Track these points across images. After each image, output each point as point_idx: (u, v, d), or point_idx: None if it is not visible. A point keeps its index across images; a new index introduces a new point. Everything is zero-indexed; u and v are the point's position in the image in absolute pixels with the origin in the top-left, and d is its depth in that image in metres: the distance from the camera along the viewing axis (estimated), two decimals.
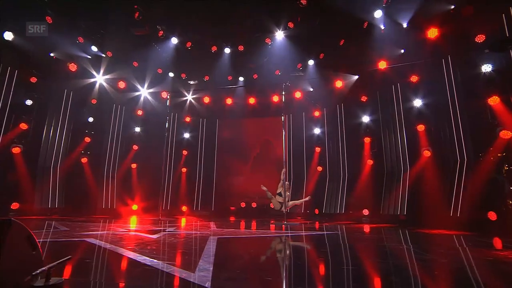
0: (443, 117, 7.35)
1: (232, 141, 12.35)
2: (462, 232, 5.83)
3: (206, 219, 9.16)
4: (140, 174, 10.80)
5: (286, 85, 8.69)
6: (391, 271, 2.86)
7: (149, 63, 10.31)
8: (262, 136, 12.42)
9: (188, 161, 11.77)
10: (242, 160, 12.29)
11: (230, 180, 12.13)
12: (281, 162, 11.51)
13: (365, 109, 9.69)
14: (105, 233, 5.04)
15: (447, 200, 6.98)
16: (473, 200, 6.33)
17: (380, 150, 9.12)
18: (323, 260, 3.35)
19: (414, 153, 8.04)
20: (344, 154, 10.17)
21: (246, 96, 11.53)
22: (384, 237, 5.46)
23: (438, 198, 7.19)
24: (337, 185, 10.12)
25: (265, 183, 11.73)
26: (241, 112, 11.71)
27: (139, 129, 11.13)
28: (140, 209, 10.54)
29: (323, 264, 3.11)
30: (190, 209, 11.35)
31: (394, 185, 8.42)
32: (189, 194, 11.44)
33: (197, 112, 11.89)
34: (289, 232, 5.94)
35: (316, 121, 11.17)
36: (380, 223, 8.11)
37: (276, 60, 10.03)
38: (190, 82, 11.37)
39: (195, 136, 12.11)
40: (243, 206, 11.66)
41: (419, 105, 8.00)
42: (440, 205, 7.11)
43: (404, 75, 8.21)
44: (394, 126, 8.65)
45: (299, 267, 3.02)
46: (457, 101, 6.99)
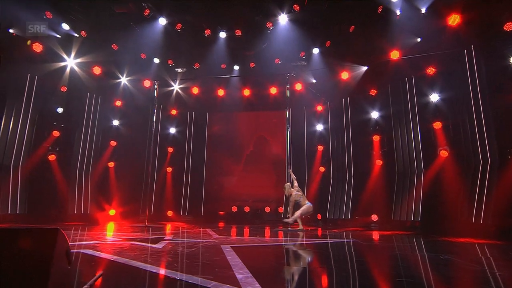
0: (464, 114, 7.30)
1: (223, 137, 12.23)
2: (489, 241, 5.75)
3: (196, 225, 8.98)
4: (119, 174, 10.43)
5: (291, 75, 8.57)
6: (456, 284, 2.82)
7: (131, 46, 9.84)
8: (256, 132, 12.34)
9: (174, 159, 11.50)
10: (234, 158, 12.18)
11: (220, 181, 11.99)
12: (278, 161, 11.91)
13: (375, 103, 9.62)
14: (100, 243, 4.90)
15: (468, 206, 6.92)
16: (499, 206, 6.27)
17: (391, 150, 9.06)
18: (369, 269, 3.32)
19: (429, 153, 7.99)
20: (350, 154, 10.08)
21: (240, 87, 11.34)
22: (410, 245, 5.39)
23: (458, 203, 7.15)
24: (342, 187, 10.04)
25: (259, 185, 11.99)
26: (234, 105, 11.56)
27: (118, 122, 10.74)
28: (118, 214, 10.16)
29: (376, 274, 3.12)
30: (177, 214, 11.11)
31: (407, 189, 8.36)
32: (175, 197, 11.20)
33: (184, 104, 11.62)
34: (305, 240, 5.92)
35: (319, 116, 11.05)
36: (392, 230, 8.04)
37: (276, 47, 9.81)
38: (177, 69, 11.07)
39: (182, 131, 11.85)
40: (235, 211, 11.53)
41: (436, 100, 7.95)
42: (460, 211, 7.07)
43: (419, 66, 8.13)
44: (407, 123, 8.58)
45: (350, 277, 2.97)
46: (480, 96, 6.93)
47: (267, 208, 11.50)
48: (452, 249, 5.07)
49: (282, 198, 11.27)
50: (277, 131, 12.19)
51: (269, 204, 11.60)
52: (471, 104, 7.14)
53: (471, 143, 7.17)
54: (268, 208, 11.51)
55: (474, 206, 6.88)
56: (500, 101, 6.54)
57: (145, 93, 10.81)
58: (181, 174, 11.54)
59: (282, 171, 11.82)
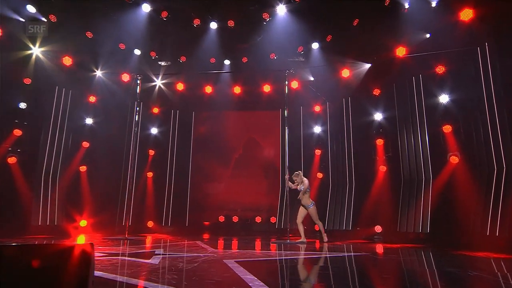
0: (476, 116, 7.32)
1: (210, 139, 12.09)
2: (506, 255, 5.71)
3: (181, 237, 8.83)
4: (92, 179, 10.08)
5: (290, 72, 8.50)
6: None
7: (109, 34, 9.45)
8: (247, 134, 12.29)
9: (155, 163, 11.26)
10: (221, 162, 12.04)
11: (205, 187, 11.83)
12: (270, 166, 11.95)
13: (378, 104, 9.61)
14: None
15: (482, 217, 6.90)
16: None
17: (396, 155, 9.05)
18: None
19: (438, 159, 8.00)
20: (351, 159, 10.04)
21: (230, 84, 11.18)
22: (428, 260, 5.34)
23: (470, 214, 7.15)
24: (342, 196, 9.97)
25: (249, 193, 11.91)
26: (223, 103, 11.41)
27: (92, 120, 10.36)
28: (89, 225, 9.77)
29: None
30: (158, 225, 10.84)
31: (414, 197, 8.34)
32: (156, 206, 10.93)
33: (168, 101, 11.35)
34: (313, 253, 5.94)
35: (317, 118, 10.99)
36: (398, 243, 8.00)
37: (272, 41, 9.68)
38: (161, 63, 10.79)
39: (165, 132, 11.61)
40: (222, 221, 11.39)
41: (446, 101, 7.96)
42: (473, 223, 7.06)
43: (428, 64, 8.14)
44: (414, 125, 8.59)
45: None
46: (494, 97, 6.94)
47: (258, 218, 11.36)
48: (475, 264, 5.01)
49: (274, 207, 11.29)
50: (270, 133, 12.11)
51: (260, 214, 11.47)
52: (485, 105, 7.15)
53: (484, 148, 7.17)
54: (259, 218, 11.38)
55: (488, 217, 6.85)
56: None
57: (123, 88, 10.46)
58: (164, 180, 11.29)
59: (274, 177, 11.80)
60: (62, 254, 1.78)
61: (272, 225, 11.22)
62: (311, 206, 7.86)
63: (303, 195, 7.82)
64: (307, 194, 7.87)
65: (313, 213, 7.87)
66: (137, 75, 9.20)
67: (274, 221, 11.20)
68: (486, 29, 7.18)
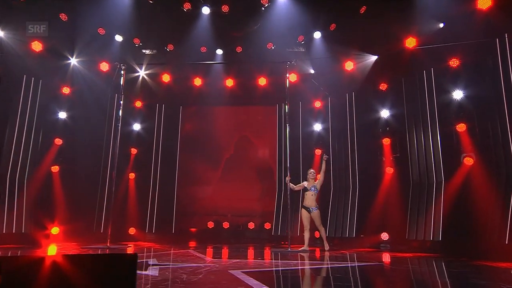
0: (493, 114, 7.26)
1: (199, 137, 11.98)
2: None
3: (169, 246, 8.72)
4: (66, 181, 9.74)
5: (291, 64, 8.41)
6: None
7: (86, 17, 9.13)
8: (239, 131, 12.22)
9: (138, 163, 11.00)
10: (211, 163, 11.95)
11: (193, 191, 11.72)
12: (265, 167, 11.95)
13: (385, 100, 9.52)
14: None
15: (500, 223, 6.83)
16: None
17: (405, 155, 8.98)
18: None
19: (451, 161, 7.94)
20: (355, 159, 9.95)
21: (222, 76, 10.98)
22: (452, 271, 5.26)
23: (487, 220, 7.08)
24: (344, 200, 9.89)
25: (240, 196, 11.86)
26: (213, 97, 11.24)
27: (65, 114, 9.99)
28: (62, 233, 9.46)
29: None
30: (141, 232, 10.61)
31: (424, 202, 8.28)
32: (139, 211, 10.68)
33: (152, 94, 11.13)
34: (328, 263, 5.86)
35: (317, 114, 10.87)
36: (408, 252, 7.93)
37: (270, 29, 9.54)
38: (145, 51, 10.55)
39: (149, 129, 11.35)
40: (211, 227, 11.30)
41: (460, 98, 7.88)
42: (490, 230, 6.99)
43: (440, 57, 8.07)
44: (424, 124, 8.52)
45: None
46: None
47: (251, 224, 11.28)
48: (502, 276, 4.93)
49: (269, 212, 11.19)
50: (265, 130, 12.03)
51: (253, 219, 11.39)
52: (503, 102, 7.08)
53: (502, 149, 7.09)
54: (252, 224, 11.29)
55: (507, 223, 6.77)
56: None
57: (102, 79, 10.14)
58: (147, 182, 11.01)
59: (269, 179, 11.73)
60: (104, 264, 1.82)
61: (267, 232, 11.14)
62: (315, 209, 7.77)
63: (311, 196, 7.80)
64: (315, 195, 7.83)
65: (317, 217, 7.82)
66: (121, 64, 8.91)
67: (269, 227, 11.12)
68: (505, 19, 7.07)
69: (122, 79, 8.79)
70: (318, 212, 7.83)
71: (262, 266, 5.50)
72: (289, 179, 8.10)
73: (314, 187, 7.96)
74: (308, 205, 7.85)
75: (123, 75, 8.78)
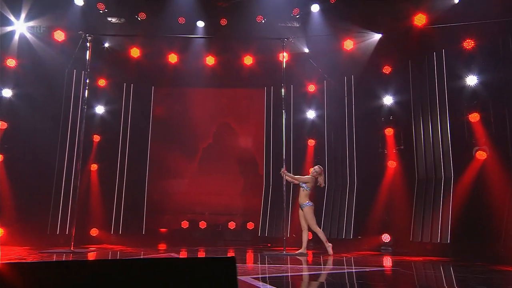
0: (511, 103, 7.22)
1: (172, 122, 11.74)
2: None
3: (141, 249, 8.56)
4: (12, 173, 9.07)
5: (289, 41, 8.20)
6: None
7: None
8: (219, 117, 12.08)
9: (102, 152, 10.51)
10: (186, 153, 11.75)
11: (165, 185, 11.53)
12: (248, 159, 11.83)
13: (389, 85, 9.43)
14: None
15: None
16: None
17: (410, 148, 8.92)
18: None
19: (462, 154, 7.87)
20: (353, 152, 9.87)
21: (202, 52, 10.65)
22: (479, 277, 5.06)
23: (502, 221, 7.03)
24: (341, 197, 9.84)
25: (219, 192, 11.73)
26: (191, 77, 10.99)
27: (11, 92, 9.26)
28: (6, 235, 8.83)
29: None
30: (106, 233, 10.19)
31: (431, 200, 8.25)
32: (104, 208, 10.23)
33: (119, 71, 10.62)
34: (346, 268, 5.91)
35: (311, 100, 10.72)
36: (412, 255, 7.91)
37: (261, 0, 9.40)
38: (111, 19, 9.96)
39: (115, 112, 10.82)
40: (186, 227, 11.11)
41: (474, 84, 7.78)
42: (505, 231, 6.94)
43: (453, 37, 7.97)
44: (433, 113, 8.43)
45: None
46: None
47: (232, 224, 11.15)
48: None
49: (251, 210, 11.15)
50: (249, 117, 11.92)
51: (234, 218, 11.26)
52: None
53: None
54: (233, 223, 11.16)
55: None
56: None
57: (57, 51, 9.46)
58: (113, 174, 10.54)
59: (253, 172, 11.63)
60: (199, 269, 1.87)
61: (249, 233, 11.07)
62: (307, 205, 7.66)
63: (302, 192, 7.73)
64: (307, 191, 7.73)
65: (309, 215, 7.64)
66: (86, 35, 8.29)
67: (252, 227, 11.07)
68: None
69: (88, 52, 8.24)
70: (310, 208, 7.65)
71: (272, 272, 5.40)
72: (285, 171, 7.98)
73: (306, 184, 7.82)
74: (299, 202, 7.76)
75: (89, 48, 8.21)
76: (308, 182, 7.66)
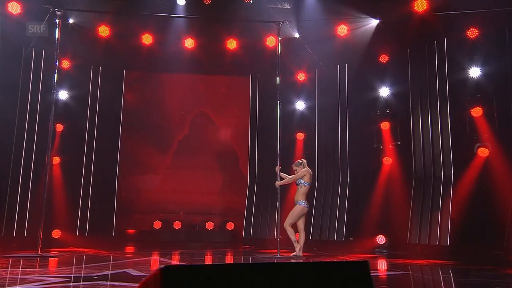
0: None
1: (145, 111, 11.65)
2: None
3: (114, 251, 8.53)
4: None
5: (285, 24, 8.28)
6: None
7: None
8: (196, 106, 12.04)
9: (66, 143, 10.22)
10: (159, 145, 11.67)
11: (135, 181, 11.42)
12: (228, 152, 11.79)
13: (385, 75, 9.47)
14: None
15: None
16: None
17: (407, 143, 8.96)
18: None
19: (463, 151, 7.98)
20: (346, 146, 9.90)
21: (181, 34, 10.39)
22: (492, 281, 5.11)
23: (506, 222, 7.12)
24: (332, 196, 9.84)
25: (196, 189, 11.62)
26: (167, 61, 10.94)
27: None
28: None
29: None
30: (71, 234, 9.94)
31: (429, 200, 8.31)
32: (68, 207, 9.95)
33: (86, 52, 10.25)
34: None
35: (300, 90, 10.72)
36: (409, 257, 7.96)
37: None
38: None
39: (81, 98, 10.51)
40: (158, 228, 11.04)
41: (477, 76, 7.85)
42: (508, 233, 7.03)
43: (456, 25, 8.01)
44: (433, 106, 8.48)
45: None
46: None
47: (209, 224, 11.14)
48: None
49: (231, 209, 11.22)
50: (230, 106, 11.90)
51: (212, 218, 11.26)
52: None
53: None
54: (211, 223, 11.15)
55: None
56: None
57: (13, 26, 8.88)
58: (79, 168, 10.27)
59: (233, 167, 11.62)
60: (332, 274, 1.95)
61: (229, 233, 11.10)
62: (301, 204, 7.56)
63: (301, 188, 7.66)
64: (305, 187, 7.68)
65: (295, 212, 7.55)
66: (55, 9, 7.86)
67: (232, 227, 11.08)
68: None
69: (57, 30, 7.83)
70: (298, 206, 7.56)
71: None
72: (280, 169, 7.94)
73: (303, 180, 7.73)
74: (295, 199, 7.69)
75: (59, 25, 7.82)
76: (304, 175, 7.55)
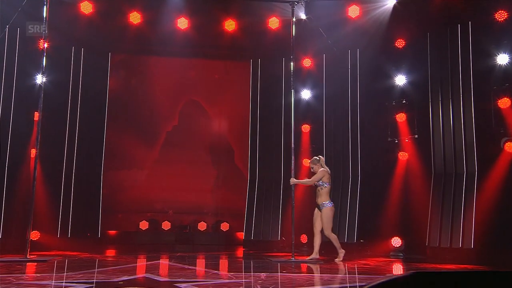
0: None
1: (131, 99, 11.68)
2: None
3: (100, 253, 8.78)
4: None
5: (300, 4, 8.38)
6: None
7: None
8: (186, 94, 12.06)
9: (45, 134, 9.71)
10: (146, 137, 11.71)
11: (119, 177, 11.47)
12: (222, 146, 11.84)
13: (401, 62, 9.44)
14: None
15: None
16: None
17: (425, 137, 8.94)
18: None
19: (488, 146, 7.97)
20: (357, 140, 9.91)
21: (174, 13, 10.32)
22: None
23: None
24: (341, 194, 9.85)
25: (187, 186, 11.72)
26: (157, 43, 10.98)
27: None
28: None
29: None
30: (50, 236, 9.87)
31: (450, 199, 8.30)
32: (48, 206, 9.85)
33: (66, 32, 10.21)
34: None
35: (306, 77, 10.73)
36: (428, 262, 7.97)
37: None
38: None
39: (62, 83, 10.37)
40: (145, 229, 11.16)
41: (505, 64, 7.79)
42: None
43: (483, 7, 7.96)
44: (455, 96, 8.44)
45: None
46: None
47: (202, 225, 11.23)
48: None
49: (226, 208, 11.35)
50: (225, 94, 11.89)
51: (205, 218, 11.37)
52: None
53: None
54: (204, 224, 11.24)
55: None
56: None
57: None
58: (59, 162, 10.20)
59: (228, 162, 11.71)
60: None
61: (224, 235, 11.24)
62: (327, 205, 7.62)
63: (321, 190, 7.67)
64: (327, 188, 7.70)
65: (327, 217, 7.61)
66: None
67: (227, 228, 11.22)
68: None
69: (45, 8, 7.83)
70: (326, 209, 7.64)
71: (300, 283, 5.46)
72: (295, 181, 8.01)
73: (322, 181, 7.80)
74: (318, 202, 7.75)
75: (47, 2, 7.81)
76: (323, 176, 7.55)
